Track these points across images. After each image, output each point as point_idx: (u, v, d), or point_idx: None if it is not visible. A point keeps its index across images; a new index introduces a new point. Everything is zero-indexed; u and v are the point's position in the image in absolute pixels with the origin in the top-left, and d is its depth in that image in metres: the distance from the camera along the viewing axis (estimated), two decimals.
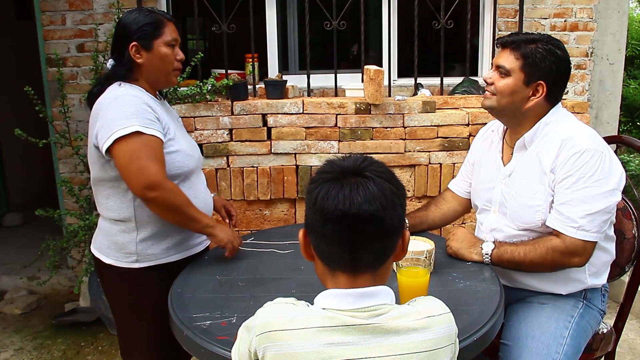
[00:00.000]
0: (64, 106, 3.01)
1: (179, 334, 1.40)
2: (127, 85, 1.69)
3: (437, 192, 2.87)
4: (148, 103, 1.65)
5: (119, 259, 1.72)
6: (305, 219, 1.06)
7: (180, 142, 1.73)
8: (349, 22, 3.32)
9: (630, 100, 5.24)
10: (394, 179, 1.04)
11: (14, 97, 4.30)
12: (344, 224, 0.98)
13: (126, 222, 1.71)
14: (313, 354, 0.94)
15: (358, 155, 1.08)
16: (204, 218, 1.72)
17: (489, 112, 1.76)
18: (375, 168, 1.03)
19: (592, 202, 1.56)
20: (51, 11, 3.16)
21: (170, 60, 1.72)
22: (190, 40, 8.38)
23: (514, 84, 1.64)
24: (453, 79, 3.41)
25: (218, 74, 3.04)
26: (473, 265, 1.68)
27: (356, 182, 0.99)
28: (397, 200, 1.02)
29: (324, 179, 1.02)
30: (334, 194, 0.98)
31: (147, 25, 1.68)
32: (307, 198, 1.04)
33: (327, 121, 2.84)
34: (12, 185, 4.87)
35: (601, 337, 1.83)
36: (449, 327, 1.03)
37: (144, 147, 1.58)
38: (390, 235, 1.02)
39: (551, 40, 1.66)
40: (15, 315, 3.30)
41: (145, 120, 1.60)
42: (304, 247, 1.07)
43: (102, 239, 1.77)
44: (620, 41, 3.54)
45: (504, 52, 1.67)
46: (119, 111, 1.60)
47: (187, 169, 1.73)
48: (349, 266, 1.01)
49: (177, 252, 1.76)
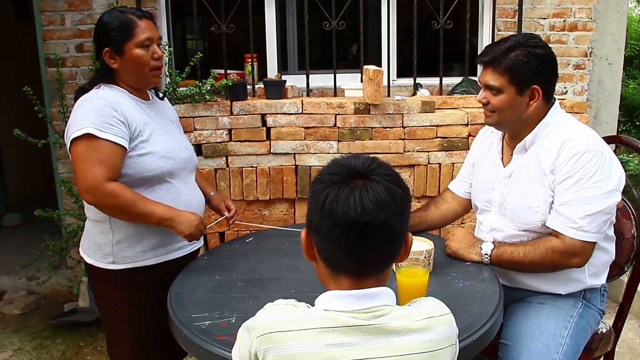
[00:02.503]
0: (63, 106, 3.01)
1: (178, 334, 1.40)
2: (106, 87, 1.69)
3: (437, 192, 2.87)
4: (115, 106, 1.63)
5: (98, 259, 1.74)
6: (308, 220, 1.04)
7: (155, 143, 1.70)
8: (348, 22, 3.32)
9: (629, 100, 5.25)
10: (402, 182, 1.03)
11: (13, 97, 4.30)
12: (354, 231, 0.96)
13: (102, 223, 1.71)
14: (314, 354, 0.94)
15: (364, 155, 1.05)
16: (159, 211, 1.65)
17: (494, 127, 1.76)
18: (384, 171, 1.01)
19: (592, 202, 1.56)
20: (50, 11, 3.16)
21: (144, 61, 1.69)
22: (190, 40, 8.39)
23: (509, 98, 1.63)
24: (452, 79, 3.41)
25: (217, 74, 3.03)
26: (472, 265, 1.68)
27: (365, 186, 0.97)
28: (405, 205, 1.02)
29: (331, 180, 0.99)
30: (343, 199, 0.96)
31: (115, 29, 1.66)
32: (313, 199, 1.01)
33: (326, 121, 2.84)
34: (11, 186, 4.87)
35: (600, 337, 1.84)
36: (450, 328, 1.03)
37: (90, 150, 1.58)
38: (397, 240, 1.02)
39: (528, 41, 1.62)
40: (14, 315, 3.30)
41: (103, 123, 1.59)
42: (306, 248, 1.06)
43: (84, 238, 1.79)
44: (619, 41, 3.54)
45: (487, 70, 1.65)
46: (80, 113, 1.62)
47: (160, 171, 1.70)
48: (354, 271, 1.00)
49: (154, 256, 1.75)
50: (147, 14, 1.73)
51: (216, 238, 2.86)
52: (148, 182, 1.69)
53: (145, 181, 1.69)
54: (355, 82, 3.21)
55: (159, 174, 1.70)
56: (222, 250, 1.91)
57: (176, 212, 1.69)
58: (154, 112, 1.79)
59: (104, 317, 1.84)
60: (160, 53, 1.73)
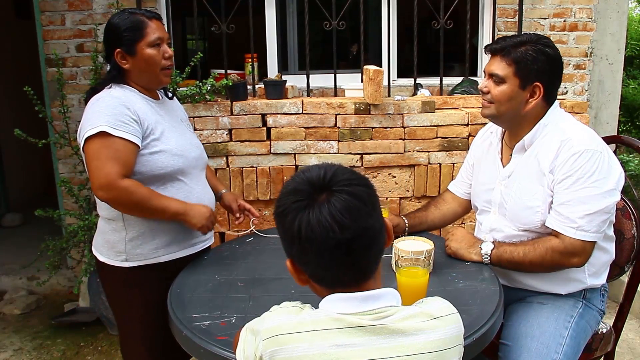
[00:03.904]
0: (63, 106, 3.01)
1: (178, 334, 1.40)
2: (118, 87, 1.71)
3: (437, 192, 2.87)
4: (128, 104, 1.66)
5: (111, 257, 1.75)
6: (287, 251, 1.02)
7: (167, 142, 1.73)
8: (349, 22, 3.33)
9: (629, 100, 5.25)
10: (361, 178, 1.01)
11: (13, 97, 4.30)
12: (342, 249, 0.95)
13: (115, 221, 1.73)
14: (321, 356, 0.93)
15: (314, 167, 1.02)
16: (172, 206, 1.69)
17: (489, 120, 1.76)
18: (341, 176, 0.99)
19: (591, 202, 1.56)
20: (50, 11, 3.16)
21: (156, 61, 1.72)
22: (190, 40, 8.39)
23: (510, 90, 1.64)
24: (452, 79, 3.41)
25: (217, 74, 3.03)
26: (472, 265, 1.68)
27: (331, 200, 0.95)
28: (374, 199, 1.00)
29: (297, 207, 0.96)
30: (316, 223, 0.93)
31: (126, 30, 1.68)
32: (286, 230, 0.98)
33: (326, 121, 2.84)
34: (12, 186, 4.87)
35: (600, 337, 1.83)
36: (457, 328, 1.03)
37: (104, 148, 1.60)
38: (380, 234, 1.01)
39: (539, 39, 1.64)
40: (14, 315, 3.30)
41: (116, 121, 1.61)
42: (297, 276, 1.04)
43: (97, 237, 1.81)
44: (619, 41, 3.54)
45: (495, 59, 1.66)
46: (94, 112, 1.64)
47: (171, 169, 1.72)
48: (351, 282, 1.00)
49: (166, 253, 1.76)
50: (157, 15, 1.75)
51: (216, 238, 2.86)
52: (160, 179, 1.71)
53: (157, 179, 1.70)
54: (355, 82, 3.21)
55: (171, 171, 1.72)
56: (222, 250, 1.92)
57: (188, 206, 1.72)
58: (164, 111, 1.81)
59: (117, 315, 1.86)
60: (170, 52, 1.76)
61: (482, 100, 1.72)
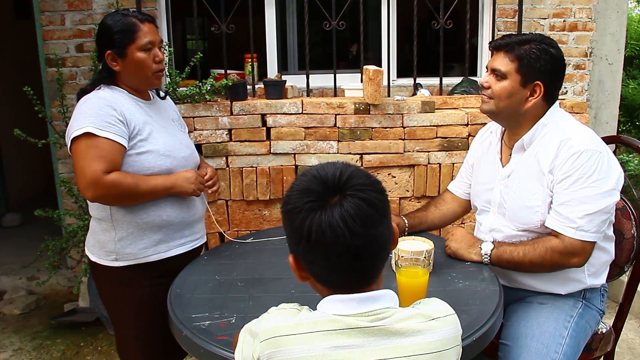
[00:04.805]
0: (63, 106, 3.01)
1: (178, 334, 1.40)
2: (107, 88, 1.72)
3: (437, 192, 2.88)
4: (114, 105, 1.66)
5: (102, 257, 1.76)
6: (292, 247, 1.01)
7: (155, 142, 1.72)
8: (348, 22, 3.32)
9: (629, 100, 5.24)
10: (375, 183, 1.00)
11: (13, 97, 4.30)
12: (350, 254, 0.95)
13: (105, 221, 1.74)
14: (319, 357, 0.93)
15: (331, 165, 1.01)
16: (160, 184, 1.70)
17: (488, 116, 1.76)
18: (357, 180, 0.97)
19: (591, 202, 1.56)
20: (50, 11, 3.16)
21: (146, 64, 1.72)
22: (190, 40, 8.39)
23: (511, 87, 1.64)
24: (452, 79, 3.41)
25: (217, 74, 3.03)
26: (472, 265, 1.68)
27: (344, 204, 0.94)
28: (386, 206, 1.00)
29: (309, 207, 0.95)
30: (327, 225, 0.93)
31: (118, 32, 1.68)
32: (294, 229, 0.97)
33: (326, 121, 2.84)
34: (11, 186, 4.87)
35: (600, 337, 1.84)
36: (456, 329, 1.03)
37: (90, 148, 1.61)
38: (388, 241, 1.01)
39: (544, 39, 1.65)
40: (14, 315, 3.30)
41: (102, 122, 1.62)
42: (298, 273, 1.03)
43: (89, 237, 1.82)
44: (619, 41, 3.54)
45: (498, 55, 1.67)
46: (80, 113, 1.65)
47: (158, 169, 1.72)
48: (354, 285, 1.00)
49: (155, 252, 1.76)
50: (150, 18, 1.75)
51: (216, 238, 2.86)
52: None
53: None
54: (355, 82, 3.21)
55: (158, 172, 1.72)
56: (222, 250, 1.92)
57: (173, 177, 1.74)
58: (154, 112, 1.81)
59: (111, 315, 1.88)
60: (161, 56, 1.75)
61: (482, 95, 1.72)
